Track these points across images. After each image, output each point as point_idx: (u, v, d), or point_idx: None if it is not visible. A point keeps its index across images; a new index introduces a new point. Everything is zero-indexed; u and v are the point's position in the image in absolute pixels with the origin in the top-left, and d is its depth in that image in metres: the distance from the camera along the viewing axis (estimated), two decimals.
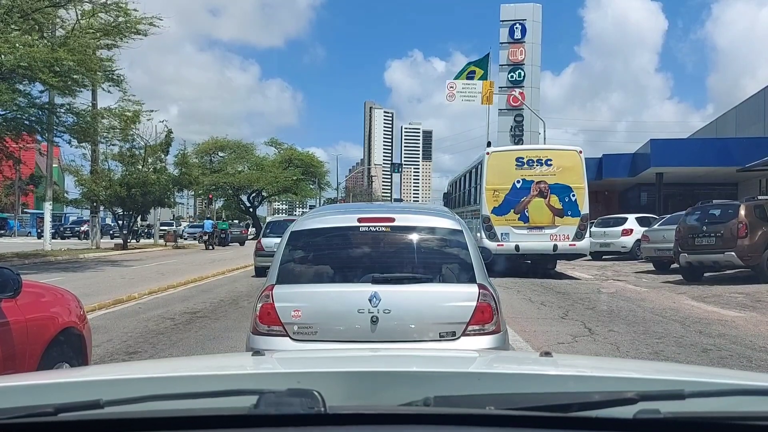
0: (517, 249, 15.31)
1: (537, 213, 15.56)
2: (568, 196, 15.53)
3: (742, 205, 13.64)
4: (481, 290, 3.84)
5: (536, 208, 15.57)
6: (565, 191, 15.55)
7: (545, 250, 15.48)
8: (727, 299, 11.17)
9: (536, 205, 15.59)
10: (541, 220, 15.53)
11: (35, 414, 1.14)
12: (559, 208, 15.54)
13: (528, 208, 15.63)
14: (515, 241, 15.40)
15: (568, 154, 16.05)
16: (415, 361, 1.89)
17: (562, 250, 15.56)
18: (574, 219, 15.45)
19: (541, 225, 15.50)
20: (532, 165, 15.77)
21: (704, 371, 2.28)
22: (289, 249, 4.14)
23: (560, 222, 15.48)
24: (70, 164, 31.54)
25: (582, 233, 15.53)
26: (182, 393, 1.18)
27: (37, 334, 3.61)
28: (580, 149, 16.26)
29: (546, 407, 1.15)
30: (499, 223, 15.63)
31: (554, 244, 15.40)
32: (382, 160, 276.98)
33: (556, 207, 15.54)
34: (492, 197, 15.74)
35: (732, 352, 6.78)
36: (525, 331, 7.91)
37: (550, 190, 15.58)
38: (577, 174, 15.66)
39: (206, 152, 56.65)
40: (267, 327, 3.83)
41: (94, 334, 6.18)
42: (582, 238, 15.55)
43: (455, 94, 43.52)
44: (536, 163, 15.77)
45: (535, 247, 15.40)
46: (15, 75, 18.96)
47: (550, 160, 15.79)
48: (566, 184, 15.53)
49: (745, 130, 28.28)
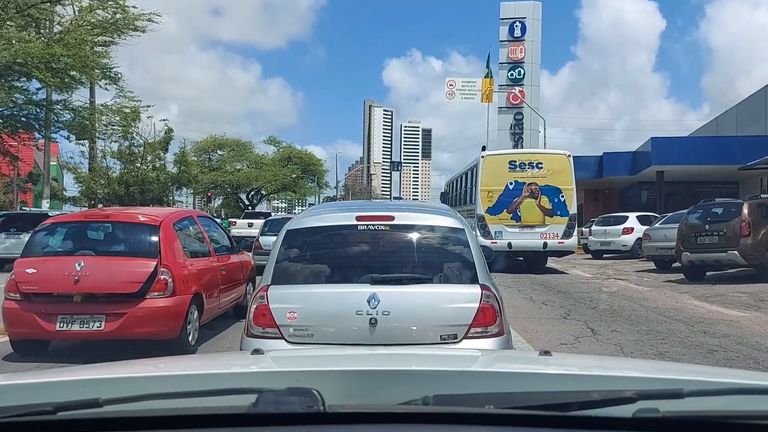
0: (510, 246, 16.07)
1: (528, 213, 16.55)
2: (558, 197, 16.57)
3: (744, 203, 13.58)
4: (483, 291, 3.71)
5: (527, 208, 16.56)
6: (555, 192, 16.58)
7: (536, 248, 16.47)
8: (730, 299, 11.14)
9: (528, 206, 16.58)
10: (532, 220, 16.48)
11: (34, 413, 1.14)
12: (549, 208, 16.55)
13: (520, 208, 16.62)
14: (508, 239, 16.25)
15: (558, 158, 17.20)
16: (414, 359, 1.89)
17: (551, 247, 16.57)
18: (563, 218, 16.48)
19: (532, 224, 16.46)
20: (524, 168, 16.85)
21: (703, 370, 2.28)
22: (285, 248, 4.00)
23: (550, 221, 16.49)
24: (69, 161, 31.54)
25: (570, 232, 16.54)
26: (181, 392, 1.18)
27: (245, 269, 9.07)
28: (569, 153, 17.35)
29: (545, 406, 1.15)
30: (493, 222, 16.56)
31: (544, 241, 16.38)
32: (382, 159, 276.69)
33: (546, 207, 16.55)
34: (486, 198, 16.71)
35: (738, 353, 6.73)
36: (527, 331, 7.89)
37: (540, 191, 16.61)
38: (566, 176, 16.69)
39: (205, 150, 56.55)
40: (262, 329, 3.71)
41: None
42: (570, 236, 16.58)
43: (455, 91, 43.61)
44: (528, 166, 16.87)
45: (526, 244, 16.35)
46: (11, 71, 18.92)
47: (540, 163, 16.91)
48: (556, 186, 16.58)
49: (746, 129, 28.25)
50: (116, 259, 6.78)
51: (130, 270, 6.54)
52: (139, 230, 7.03)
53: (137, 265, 6.57)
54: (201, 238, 8.04)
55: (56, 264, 6.68)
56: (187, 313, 6.70)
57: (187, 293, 6.79)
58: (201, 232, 8.11)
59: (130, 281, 6.42)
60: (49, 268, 6.67)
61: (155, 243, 6.71)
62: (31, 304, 6.44)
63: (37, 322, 6.36)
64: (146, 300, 6.41)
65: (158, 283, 6.44)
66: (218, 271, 7.86)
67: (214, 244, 8.22)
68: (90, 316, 6.33)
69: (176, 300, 6.58)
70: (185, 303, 6.71)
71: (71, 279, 6.33)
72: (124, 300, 6.38)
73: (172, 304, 6.53)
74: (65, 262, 6.55)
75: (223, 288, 8.00)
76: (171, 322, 6.54)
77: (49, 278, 6.53)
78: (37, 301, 6.45)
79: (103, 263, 6.62)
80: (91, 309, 6.34)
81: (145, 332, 6.47)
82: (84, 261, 6.48)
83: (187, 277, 6.86)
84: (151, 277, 6.41)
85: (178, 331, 6.60)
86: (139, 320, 6.37)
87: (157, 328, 6.48)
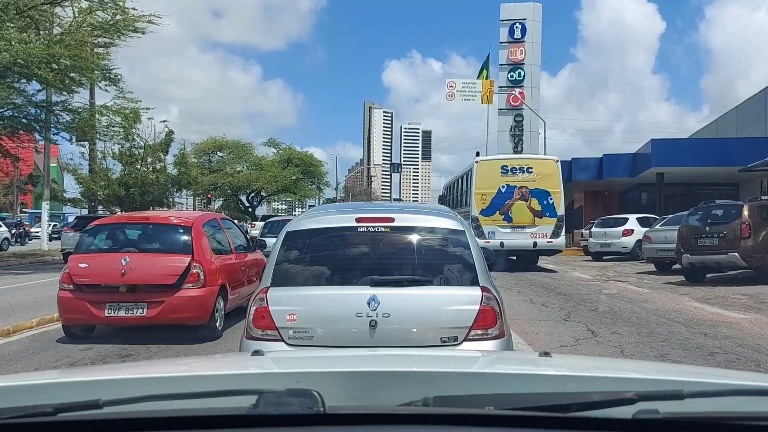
0: (502, 246, 16.87)
1: (519, 214, 17.74)
2: (547, 200, 17.76)
3: (745, 205, 13.56)
4: (484, 293, 3.68)
5: (518, 210, 17.77)
6: (544, 195, 17.79)
7: (526, 247, 17.65)
8: (731, 301, 11.12)
9: (518, 208, 17.79)
10: (522, 221, 17.66)
11: (35, 414, 1.14)
12: (539, 210, 17.74)
13: (511, 209, 17.81)
14: (500, 239, 17.19)
15: (547, 163, 18.60)
16: (415, 361, 1.89)
17: (541, 246, 17.77)
18: (551, 219, 17.68)
19: (522, 224, 17.64)
20: (515, 172, 18.10)
21: (703, 372, 2.28)
22: (285, 250, 3.97)
23: (539, 222, 17.68)
24: (69, 163, 31.51)
25: (558, 232, 17.73)
26: (181, 393, 1.18)
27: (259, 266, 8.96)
28: (557, 159, 18.81)
29: (545, 407, 1.15)
30: (486, 223, 17.65)
31: (534, 241, 17.59)
32: (382, 160, 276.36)
33: (536, 209, 17.75)
34: (480, 200, 17.89)
35: (739, 356, 6.71)
36: (527, 333, 7.89)
37: (530, 194, 17.80)
38: (555, 180, 17.93)
39: (205, 152, 56.51)
40: (261, 331, 3.68)
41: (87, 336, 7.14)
42: (558, 236, 17.80)
43: (455, 93, 43.51)
44: (519, 171, 18.13)
45: (517, 243, 17.44)
46: (11, 72, 18.92)
47: (530, 168, 18.15)
48: (545, 189, 17.79)
49: (746, 130, 28.23)
50: (156, 255, 7.82)
51: (167, 264, 7.60)
52: (174, 230, 8.15)
53: (174, 260, 7.64)
54: (224, 238, 9.03)
55: (105, 259, 7.75)
56: (215, 301, 7.75)
57: (215, 285, 7.85)
58: (224, 232, 9.12)
59: (168, 274, 7.50)
60: (98, 262, 7.68)
61: (188, 241, 7.83)
62: (83, 293, 7.45)
63: (88, 309, 7.37)
64: (181, 290, 7.47)
65: (192, 275, 7.54)
66: (239, 267, 8.93)
67: (234, 243, 9.22)
68: (134, 304, 7.37)
69: (206, 290, 7.65)
70: (214, 293, 7.77)
71: (118, 272, 7.38)
72: (163, 290, 7.44)
73: (203, 294, 7.60)
74: (113, 258, 7.65)
75: (243, 281, 9.01)
76: (202, 310, 7.58)
77: (98, 271, 7.54)
78: (88, 291, 7.47)
79: (144, 258, 7.69)
80: (134, 298, 7.40)
81: (181, 318, 7.52)
82: (129, 257, 7.58)
83: (214, 271, 7.93)
84: (185, 270, 7.50)
85: (209, 317, 7.64)
86: (175, 307, 7.40)
87: (190, 314, 7.52)
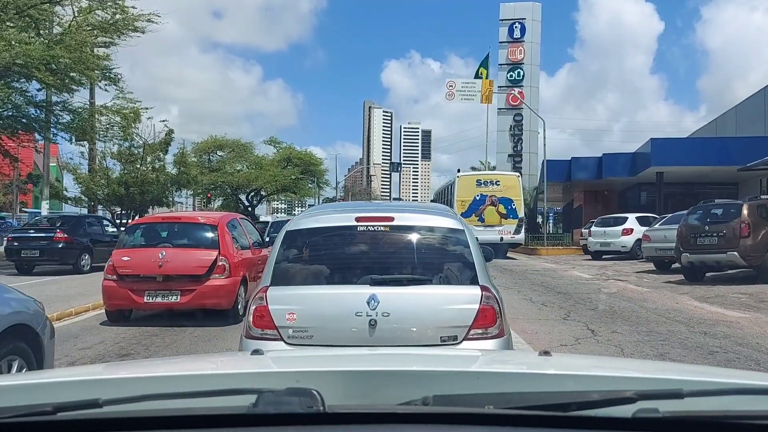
0: None
1: (490, 216, 24.35)
2: (510, 205, 24.45)
3: (744, 204, 13.58)
4: (484, 292, 3.68)
5: (489, 213, 24.39)
6: (509, 202, 24.43)
7: (495, 241, 22.09)
8: (730, 300, 11.12)
9: (489, 212, 24.41)
10: (492, 221, 24.21)
11: (34, 413, 1.14)
12: (504, 213, 24.39)
13: (484, 213, 24.37)
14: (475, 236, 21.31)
15: (511, 177, 26.01)
16: (414, 360, 1.89)
17: (506, 240, 24.14)
18: (514, 220, 24.47)
19: (492, 224, 24.04)
20: (487, 185, 24.72)
21: (703, 370, 2.28)
22: (284, 249, 3.97)
23: (505, 222, 24.34)
24: (68, 162, 31.48)
25: (519, 229, 24.57)
26: (181, 392, 1.18)
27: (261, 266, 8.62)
28: (518, 174, 27.01)
29: (545, 406, 1.15)
30: None
31: (501, 236, 23.75)
32: (381, 160, 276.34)
33: (502, 212, 24.42)
34: (460, 205, 23.49)
35: (739, 355, 6.71)
36: (526, 332, 7.89)
37: (498, 201, 24.42)
38: (516, 190, 24.85)
39: (205, 151, 56.40)
40: (261, 331, 3.67)
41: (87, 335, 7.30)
42: (519, 233, 24.64)
43: (455, 93, 43.49)
44: (489, 184, 24.79)
45: (488, 238, 20.88)
46: (11, 72, 18.90)
47: (498, 181, 24.98)
48: (509, 197, 24.49)
49: (745, 130, 28.22)
50: (188, 250, 9.07)
51: (198, 258, 8.82)
52: (202, 228, 9.40)
53: (203, 254, 8.87)
54: (242, 235, 10.12)
55: (144, 253, 8.95)
56: (238, 290, 8.91)
57: (238, 276, 9.02)
58: (243, 229, 10.24)
59: (199, 266, 8.69)
60: (139, 256, 8.91)
61: (215, 238, 9.05)
62: (125, 282, 8.62)
63: (129, 296, 8.56)
64: (210, 280, 8.66)
65: (219, 267, 8.74)
66: (256, 261, 9.84)
67: (251, 240, 10.36)
68: (169, 292, 8.58)
69: (231, 280, 8.84)
70: (237, 283, 8.95)
71: (156, 264, 8.58)
72: (194, 280, 8.62)
73: (228, 283, 8.78)
74: (151, 252, 8.87)
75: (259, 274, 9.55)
76: (228, 297, 8.78)
77: (139, 264, 8.73)
78: (130, 281, 8.65)
79: (178, 253, 8.90)
80: (170, 286, 8.59)
81: (209, 303, 8.68)
82: (165, 251, 8.81)
83: (237, 264, 9.11)
84: (213, 263, 8.71)
85: (233, 303, 8.82)
86: (205, 295, 8.59)
87: (218, 301, 8.71)
